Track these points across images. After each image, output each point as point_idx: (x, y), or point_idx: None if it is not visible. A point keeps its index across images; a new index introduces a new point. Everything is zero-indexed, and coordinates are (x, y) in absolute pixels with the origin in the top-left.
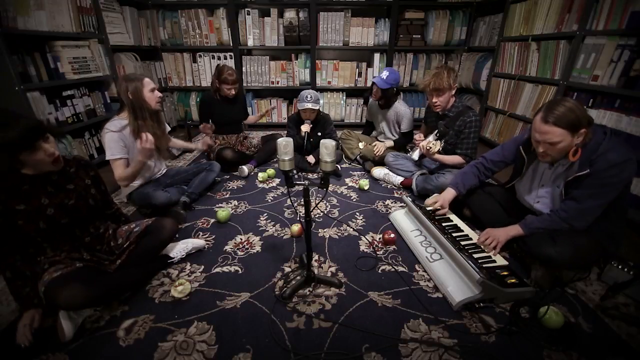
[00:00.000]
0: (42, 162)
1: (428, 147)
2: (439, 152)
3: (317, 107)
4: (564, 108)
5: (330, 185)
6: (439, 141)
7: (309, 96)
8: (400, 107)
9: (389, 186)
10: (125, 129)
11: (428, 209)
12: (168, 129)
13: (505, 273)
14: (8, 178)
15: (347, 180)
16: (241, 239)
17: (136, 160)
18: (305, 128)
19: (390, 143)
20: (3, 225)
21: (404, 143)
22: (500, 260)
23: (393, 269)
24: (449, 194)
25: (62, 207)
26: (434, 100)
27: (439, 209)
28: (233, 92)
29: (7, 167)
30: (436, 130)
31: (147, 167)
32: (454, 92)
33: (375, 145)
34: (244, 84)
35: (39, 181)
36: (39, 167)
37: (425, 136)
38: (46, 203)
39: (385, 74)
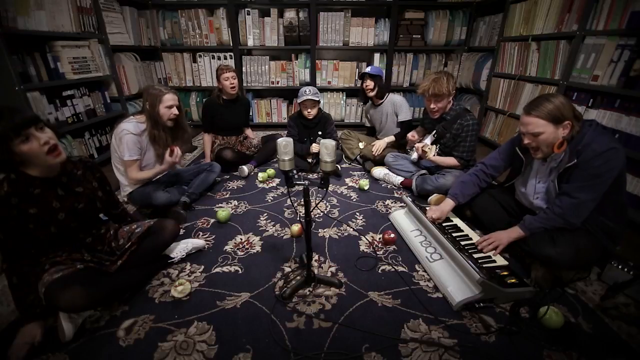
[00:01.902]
0: (38, 153)
1: (424, 150)
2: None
3: (317, 99)
4: (546, 101)
5: (330, 185)
6: (434, 146)
7: (307, 90)
8: (395, 97)
9: (389, 186)
10: (144, 133)
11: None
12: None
13: (505, 273)
14: (18, 181)
15: (347, 180)
16: (241, 239)
17: (158, 168)
18: (315, 149)
19: (391, 138)
20: (15, 229)
21: (404, 135)
22: (500, 260)
23: (393, 269)
24: (448, 205)
25: (72, 212)
26: (432, 106)
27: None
28: (233, 81)
29: (2, 157)
30: (434, 132)
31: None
32: (452, 97)
33: (374, 144)
34: (244, 84)
35: (49, 184)
36: (39, 162)
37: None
38: (57, 207)
39: (369, 68)
